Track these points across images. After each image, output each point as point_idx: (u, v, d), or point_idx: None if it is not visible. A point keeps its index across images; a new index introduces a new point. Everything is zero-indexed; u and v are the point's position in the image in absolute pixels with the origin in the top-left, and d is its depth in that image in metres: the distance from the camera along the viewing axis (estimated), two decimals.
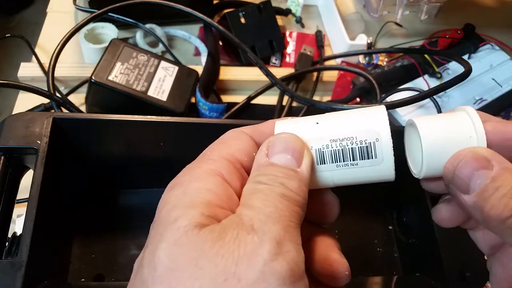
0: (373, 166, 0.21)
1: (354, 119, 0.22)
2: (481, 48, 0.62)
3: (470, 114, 0.22)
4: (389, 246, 0.42)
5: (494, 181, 0.19)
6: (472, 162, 0.20)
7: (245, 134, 0.23)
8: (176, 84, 0.48)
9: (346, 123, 0.22)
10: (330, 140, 0.22)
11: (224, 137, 0.23)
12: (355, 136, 0.21)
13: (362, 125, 0.21)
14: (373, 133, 0.21)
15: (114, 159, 0.38)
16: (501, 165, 0.20)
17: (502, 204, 0.19)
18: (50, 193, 0.31)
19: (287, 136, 0.21)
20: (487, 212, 0.19)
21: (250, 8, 0.59)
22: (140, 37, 0.57)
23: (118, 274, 0.37)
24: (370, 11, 0.67)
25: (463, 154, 0.20)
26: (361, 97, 0.57)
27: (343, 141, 0.21)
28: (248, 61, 0.58)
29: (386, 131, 0.21)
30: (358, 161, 0.21)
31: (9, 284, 0.26)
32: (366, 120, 0.21)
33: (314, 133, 0.22)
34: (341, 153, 0.22)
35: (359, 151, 0.21)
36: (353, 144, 0.21)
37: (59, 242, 0.36)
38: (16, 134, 0.32)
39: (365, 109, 0.22)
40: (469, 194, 0.20)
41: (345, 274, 0.22)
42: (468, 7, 0.75)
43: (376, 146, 0.21)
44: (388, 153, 0.21)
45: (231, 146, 0.22)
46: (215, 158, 0.21)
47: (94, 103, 0.47)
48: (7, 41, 0.61)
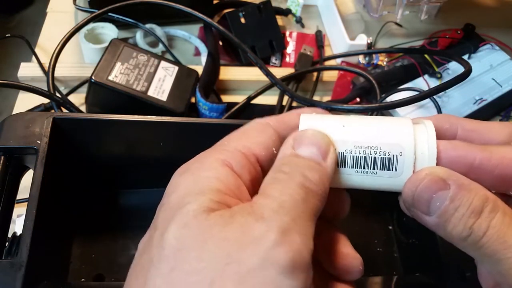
0: (391, 177, 0.22)
1: (382, 129, 0.22)
2: (481, 48, 0.62)
3: (428, 129, 0.22)
4: (389, 246, 0.42)
5: (452, 202, 0.20)
6: (429, 185, 0.20)
7: (269, 127, 0.23)
8: (176, 84, 0.48)
9: (373, 132, 0.22)
10: (354, 146, 0.22)
11: (247, 128, 0.23)
12: (379, 146, 0.22)
13: (389, 137, 0.22)
14: (398, 146, 0.21)
15: (114, 159, 0.38)
16: (457, 183, 0.20)
17: (462, 224, 0.20)
18: (50, 193, 0.31)
19: (314, 132, 0.22)
20: (449, 232, 0.20)
21: (250, 8, 0.58)
22: (140, 37, 0.57)
23: (118, 274, 0.37)
24: (370, 11, 0.67)
25: (420, 178, 0.21)
26: (361, 97, 0.57)
27: (367, 149, 0.22)
28: (248, 61, 0.58)
29: (411, 147, 0.21)
30: (378, 171, 0.22)
31: (9, 284, 0.26)
32: (394, 132, 0.22)
33: (339, 135, 0.22)
34: (363, 161, 0.22)
35: (381, 162, 0.22)
36: (376, 154, 0.22)
37: (59, 242, 0.36)
38: (16, 134, 0.32)
39: (393, 120, 0.22)
40: (430, 216, 0.20)
41: (358, 268, 0.23)
42: (468, 7, 0.75)
43: (398, 159, 0.21)
44: (408, 168, 0.21)
45: (250, 138, 0.22)
46: (229, 149, 0.21)
47: (94, 103, 0.47)
48: (7, 41, 0.61)
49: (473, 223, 0.19)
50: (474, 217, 0.19)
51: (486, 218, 0.19)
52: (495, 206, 0.19)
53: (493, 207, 0.19)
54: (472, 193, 0.20)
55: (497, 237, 0.19)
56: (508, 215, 0.19)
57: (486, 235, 0.19)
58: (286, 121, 0.24)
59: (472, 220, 0.19)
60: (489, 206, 0.19)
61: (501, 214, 0.19)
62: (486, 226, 0.19)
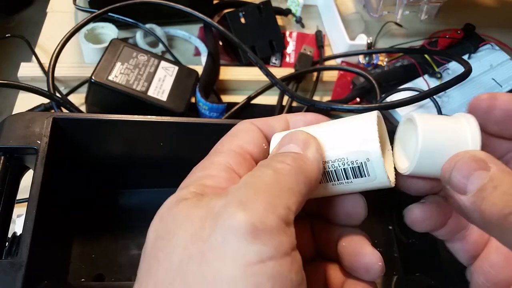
0: (368, 182, 0.21)
1: (344, 138, 0.21)
2: (481, 48, 0.62)
3: (469, 121, 0.21)
4: (389, 246, 0.42)
5: (492, 181, 0.19)
6: (469, 162, 0.20)
7: (254, 126, 0.24)
8: (176, 84, 0.48)
9: (336, 143, 0.22)
10: (323, 162, 0.22)
11: (234, 130, 0.24)
12: (346, 157, 0.21)
13: (352, 146, 0.21)
14: (363, 153, 0.21)
15: (114, 159, 0.38)
16: (498, 166, 0.19)
17: (502, 201, 0.19)
18: (50, 193, 0.31)
19: (293, 131, 0.22)
20: (486, 210, 0.19)
21: (250, 8, 0.59)
22: (140, 37, 0.57)
23: (118, 274, 0.37)
24: (370, 11, 0.67)
25: (461, 155, 0.20)
26: (361, 97, 0.57)
27: (334, 163, 0.21)
28: (248, 61, 0.58)
29: (375, 151, 0.21)
30: (352, 179, 0.22)
31: (9, 284, 0.26)
32: (355, 139, 0.21)
33: None
34: (335, 174, 0.22)
35: (351, 171, 0.21)
36: (344, 165, 0.21)
37: (59, 242, 0.36)
38: (16, 134, 0.32)
39: (355, 125, 0.22)
40: (467, 195, 0.20)
41: (378, 265, 0.22)
42: (468, 7, 0.75)
43: (367, 165, 0.21)
44: (380, 170, 0.21)
45: (240, 138, 0.23)
46: (224, 151, 0.22)
47: (94, 103, 0.47)
48: (7, 41, 0.62)
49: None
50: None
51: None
52: None
53: None
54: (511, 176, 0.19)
55: None
56: None
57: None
58: (270, 123, 0.24)
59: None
60: None
61: None
62: None
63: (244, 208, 0.17)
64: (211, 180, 0.20)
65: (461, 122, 0.22)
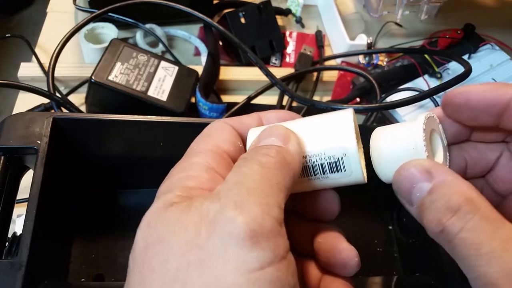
0: (343, 177, 0.22)
1: (322, 134, 0.22)
2: (481, 48, 0.62)
3: (416, 127, 0.22)
4: (389, 246, 0.42)
5: (430, 195, 0.19)
6: (412, 175, 0.20)
7: (228, 125, 0.24)
8: (176, 84, 0.48)
9: (314, 139, 0.22)
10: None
11: (208, 130, 0.24)
12: (323, 152, 0.21)
13: (329, 141, 0.21)
14: (340, 148, 0.21)
15: (114, 159, 0.38)
16: (441, 177, 0.19)
17: (435, 218, 0.19)
18: (50, 193, 0.31)
19: (272, 126, 0.22)
20: (425, 224, 0.20)
21: (250, 8, 0.59)
22: (140, 37, 0.57)
23: (118, 274, 0.37)
24: (370, 11, 0.67)
25: (405, 167, 0.20)
26: (361, 97, 0.57)
27: (312, 157, 0.22)
28: (248, 61, 0.58)
29: (352, 146, 0.21)
30: (329, 174, 0.22)
31: (9, 284, 0.26)
32: (333, 135, 0.21)
33: None
34: (312, 169, 0.22)
35: (328, 167, 0.22)
36: (322, 160, 0.22)
37: (59, 242, 0.36)
38: (16, 134, 0.32)
39: (332, 121, 0.22)
40: (412, 206, 0.20)
41: (354, 260, 0.23)
42: (468, 7, 0.75)
43: (344, 160, 0.21)
44: (356, 165, 0.21)
45: (215, 137, 0.23)
46: (201, 150, 0.22)
47: (94, 103, 0.47)
48: (7, 41, 0.62)
49: (446, 220, 0.18)
50: (448, 214, 0.18)
51: (461, 219, 0.18)
52: (474, 209, 0.18)
53: (472, 209, 0.18)
54: (452, 190, 0.19)
55: (471, 242, 0.18)
56: (490, 221, 0.18)
57: (459, 237, 0.18)
58: (243, 121, 0.24)
59: (446, 217, 0.18)
60: (467, 207, 0.18)
61: (479, 218, 0.18)
62: (459, 227, 0.18)
63: (241, 212, 0.17)
64: (193, 182, 0.20)
65: (412, 128, 0.22)
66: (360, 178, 0.22)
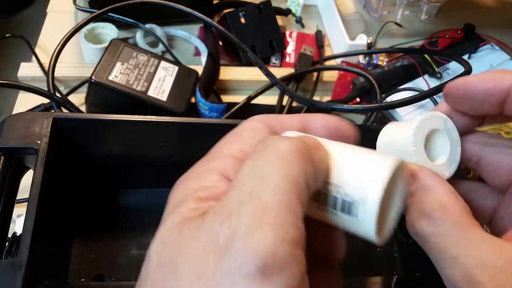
0: (353, 223, 0.19)
1: (357, 166, 0.19)
2: (481, 48, 0.62)
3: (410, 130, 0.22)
4: (389, 246, 0.42)
5: (410, 198, 0.20)
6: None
7: (262, 125, 0.21)
8: (176, 84, 0.48)
9: (342, 166, 0.19)
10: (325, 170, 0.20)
11: (239, 128, 0.21)
12: (343, 186, 0.19)
13: (358, 178, 0.19)
14: (361, 192, 0.18)
15: (114, 159, 0.38)
16: (421, 182, 0.20)
17: (411, 222, 0.20)
18: (50, 193, 0.31)
19: (307, 136, 0.20)
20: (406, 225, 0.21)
21: (250, 8, 0.59)
22: (140, 37, 0.57)
23: (118, 274, 0.37)
24: (370, 11, 0.67)
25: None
26: (361, 97, 0.57)
27: (329, 185, 0.19)
28: (248, 61, 0.58)
29: (374, 197, 0.18)
30: (338, 212, 0.19)
31: (9, 284, 0.26)
32: (363, 175, 0.19)
33: None
34: (324, 197, 0.19)
35: (340, 203, 0.19)
36: (337, 193, 0.19)
37: (59, 242, 0.36)
38: (16, 134, 0.32)
39: (372, 162, 0.19)
40: None
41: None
42: (468, 7, 0.75)
43: (359, 206, 0.18)
44: (370, 219, 0.18)
45: (243, 139, 0.21)
46: (222, 155, 0.20)
47: (94, 103, 0.47)
48: (7, 41, 0.62)
49: (420, 224, 0.19)
50: (421, 218, 0.19)
51: (432, 224, 0.19)
52: (445, 215, 0.19)
53: (443, 215, 0.19)
54: (430, 195, 0.20)
55: (439, 246, 0.19)
56: (458, 227, 0.18)
57: (430, 241, 0.19)
58: (284, 123, 0.22)
59: (419, 222, 0.19)
60: (440, 212, 0.19)
61: (449, 225, 0.19)
62: (430, 232, 0.19)
63: (253, 243, 0.15)
64: (207, 192, 0.18)
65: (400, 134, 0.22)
66: (371, 234, 0.19)
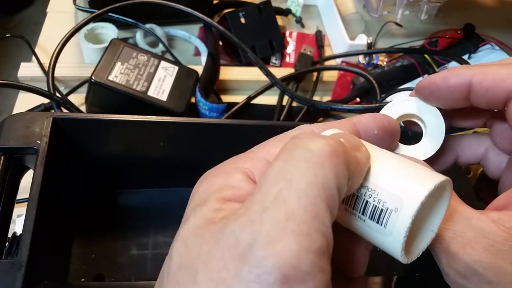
0: (379, 233, 0.18)
1: (396, 172, 0.18)
2: (481, 48, 0.62)
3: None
4: None
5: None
6: None
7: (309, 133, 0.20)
8: (176, 84, 0.48)
9: (383, 171, 0.18)
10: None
11: (284, 134, 0.21)
12: (378, 192, 0.18)
13: (394, 184, 0.17)
14: (397, 200, 0.17)
15: (114, 159, 0.38)
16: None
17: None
18: (50, 193, 0.31)
19: (349, 134, 0.19)
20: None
21: (250, 8, 0.59)
22: (140, 37, 0.57)
23: (118, 274, 0.37)
24: (370, 11, 0.67)
25: None
26: (361, 97, 0.57)
27: (363, 188, 0.18)
28: (248, 61, 0.58)
29: (412, 208, 0.17)
30: (366, 218, 0.18)
31: (9, 284, 0.26)
32: (404, 182, 0.17)
33: None
34: (354, 200, 0.18)
35: (371, 209, 0.18)
36: (370, 197, 0.18)
37: (59, 242, 0.36)
38: (16, 134, 0.32)
39: (416, 173, 0.18)
40: None
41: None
42: (468, 7, 0.75)
43: (391, 215, 0.17)
44: (400, 231, 0.17)
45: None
46: (255, 157, 0.19)
47: (94, 103, 0.47)
48: (7, 41, 0.62)
49: None
50: None
51: None
52: None
53: None
54: None
55: None
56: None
57: None
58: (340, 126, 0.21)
59: None
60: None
61: None
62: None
63: (274, 252, 0.14)
64: (231, 192, 0.18)
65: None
66: (397, 249, 0.17)
